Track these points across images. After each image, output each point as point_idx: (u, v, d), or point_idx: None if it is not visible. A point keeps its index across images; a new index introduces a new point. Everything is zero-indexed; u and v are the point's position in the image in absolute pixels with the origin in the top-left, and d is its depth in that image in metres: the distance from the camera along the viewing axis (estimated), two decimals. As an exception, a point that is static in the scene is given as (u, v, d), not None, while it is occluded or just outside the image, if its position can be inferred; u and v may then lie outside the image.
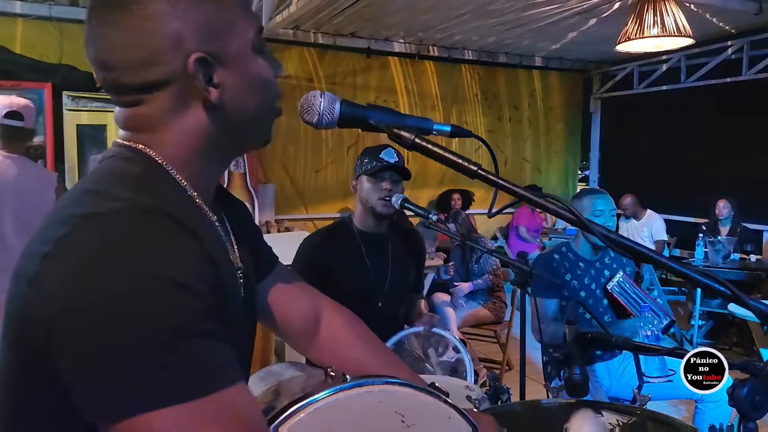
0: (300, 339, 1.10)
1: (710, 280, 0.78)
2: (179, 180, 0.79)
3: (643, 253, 0.81)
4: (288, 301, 1.07)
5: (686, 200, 6.89)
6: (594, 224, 0.82)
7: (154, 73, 0.75)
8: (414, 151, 0.89)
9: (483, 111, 7.76)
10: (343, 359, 1.09)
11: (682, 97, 7.07)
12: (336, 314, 1.12)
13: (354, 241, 2.28)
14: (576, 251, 2.71)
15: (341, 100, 0.90)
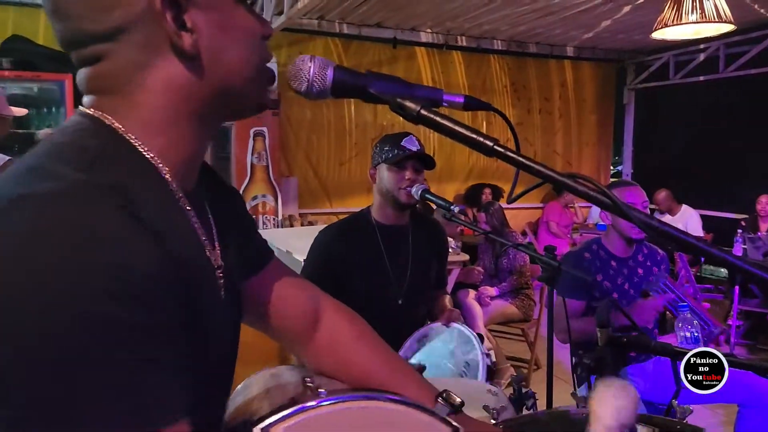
0: (296, 341, 0.98)
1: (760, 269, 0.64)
2: (148, 156, 0.66)
3: (688, 242, 0.67)
4: (283, 299, 0.96)
5: (724, 195, 6.62)
6: (632, 210, 0.69)
7: (114, 17, 0.64)
8: (420, 124, 0.77)
9: (512, 102, 7.57)
10: (344, 363, 0.97)
11: (721, 87, 6.79)
12: (337, 314, 1.01)
13: (372, 234, 2.16)
14: (608, 249, 2.55)
15: (335, 66, 0.78)
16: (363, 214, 2.24)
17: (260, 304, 0.94)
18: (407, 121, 0.78)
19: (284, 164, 6.28)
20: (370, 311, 2.12)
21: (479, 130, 0.78)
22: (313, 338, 0.98)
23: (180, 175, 0.69)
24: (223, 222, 0.80)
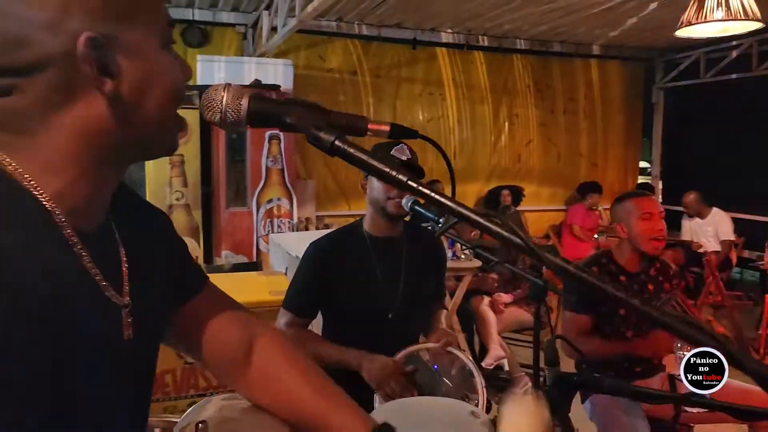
0: (228, 371, 0.95)
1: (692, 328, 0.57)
2: (42, 198, 0.64)
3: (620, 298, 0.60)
4: (215, 327, 0.93)
5: (757, 197, 6.38)
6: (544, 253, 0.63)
7: (25, 53, 0.61)
8: (334, 155, 0.71)
9: (535, 103, 7.42)
10: (276, 393, 0.93)
11: (754, 85, 6.55)
12: (271, 343, 0.96)
13: (363, 246, 2.10)
14: (618, 262, 2.43)
15: (251, 95, 0.73)
16: (354, 226, 2.18)
17: (191, 332, 0.92)
18: (323, 152, 0.73)
19: (302, 167, 6.27)
20: (360, 325, 2.09)
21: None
22: (245, 368, 0.95)
23: (78, 215, 0.67)
24: (143, 254, 0.78)
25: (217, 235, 5.30)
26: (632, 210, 2.35)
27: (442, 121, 7.03)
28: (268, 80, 5.39)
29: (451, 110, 7.05)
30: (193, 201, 5.10)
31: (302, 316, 2.13)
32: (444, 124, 7.04)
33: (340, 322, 2.13)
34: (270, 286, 3.13)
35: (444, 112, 7.04)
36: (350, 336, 2.06)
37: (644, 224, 2.31)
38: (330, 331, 2.17)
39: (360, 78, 6.57)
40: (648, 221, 2.31)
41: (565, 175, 7.63)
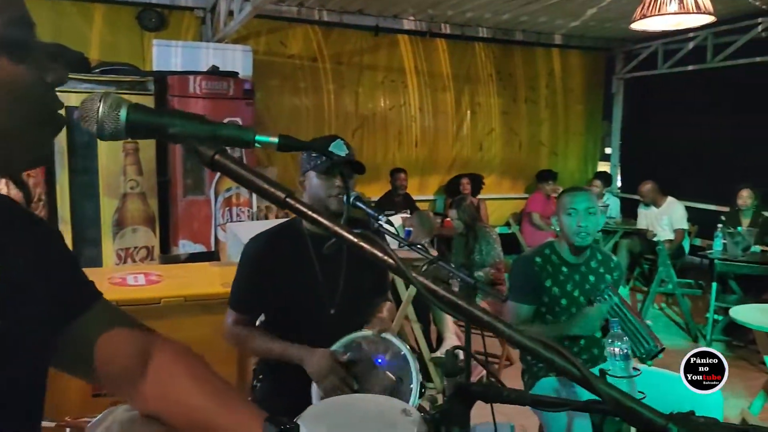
0: (123, 385, 0.94)
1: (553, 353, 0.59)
2: None
3: (474, 315, 0.62)
4: (109, 341, 0.91)
5: (709, 187, 6.54)
6: (414, 276, 0.63)
7: None
8: (215, 170, 0.70)
9: (497, 92, 7.46)
10: (171, 403, 0.93)
11: (709, 77, 6.68)
12: (166, 354, 0.96)
13: (302, 243, 2.09)
14: (560, 253, 2.50)
15: (129, 105, 0.71)
16: (294, 222, 2.17)
17: (81, 348, 0.89)
18: (203, 165, 0.72)
19: (263, 154, 6.21)
20: (301, 321, 2.09)
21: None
22: (140, 381, 0.94)
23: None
24: (22, 272, 0.76)
25: (174, 224, 5.23)
26: (562, 205, 2.44)
27: (404, 109, 7.03)
28: (226, 66, 5.31)
29: (413, 98, 7.05)
30: (148, 189, 5.01)
31: (246, 313, 2.13)
32: (406, 112, 7.04)
33: (282, 318, 2.13)
34: (223, 278, 3.11)
35: (406, 100, 7.03)
36: (292, 332, 2.06)
37: (569, 219, 2.39)
38: (271, 327, 2.17)
39: (321, 65, 6.52)
40: (572, 217, 2.38)
41: (526, 164, 7.71)
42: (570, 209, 2.41)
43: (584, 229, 2.38)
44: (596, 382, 0.59)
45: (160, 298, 2.94)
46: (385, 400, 1.72)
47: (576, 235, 2.39)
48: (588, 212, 2.39)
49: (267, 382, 2.18)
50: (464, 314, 0.63)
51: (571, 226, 2.40)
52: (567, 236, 2.43)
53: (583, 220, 2.38)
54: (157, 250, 5.05)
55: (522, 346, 0.62)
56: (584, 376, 0.59)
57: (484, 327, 0.63)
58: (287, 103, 6.42)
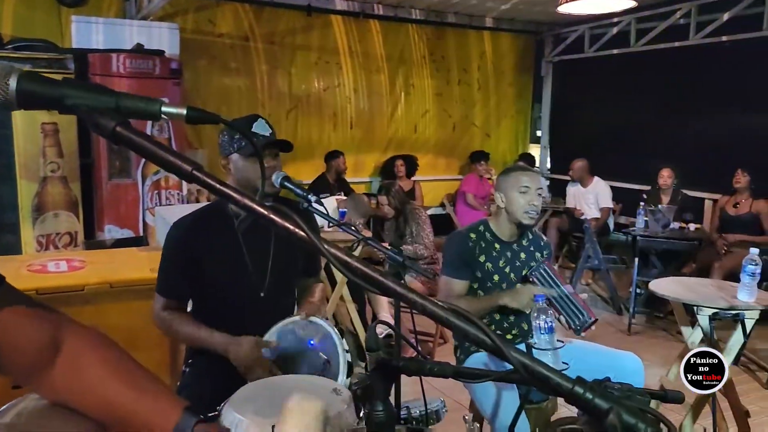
0: (30, 375, 0.90)
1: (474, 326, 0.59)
2: None
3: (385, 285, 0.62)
4: (13, 332, 0.87)
5: (633, 167, 6.81)
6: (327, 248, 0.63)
7: None
8: (116, 143, 0.67)
9: (431, 73, 7.50)
10: (83, 391, 0.90)
11: (631, 61, 6.93)
12: (78, 341, 0.92)
13: (228, 225, 2.05)
14: (494, 231, 2.54)
15: (21, 73, 0.67)
16: (220, 204, 2.12)
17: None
18: (104, 138, 0.69)
19: (193, 136, 6.03)
20: (231, 304, 2.05)
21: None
22: (50, 370, 0.90)
23: None
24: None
25: (99, 208, 5.02)
26: (515, 182, 2.45)
27: (338, 90, 6.97)
28: (152, 45, 5.11)
29: (347, 79, 6.99)
30: (70, 172, 4.78)
31: (173, 298, 2.08)
32: (341, 93, 6.99)
33: (211, 303, 2.09)
34: (151, 263, 3.02)
35: (341, 81, 6.97)
36: (222, 316, 2.03)
37: (521, 197, 2.42)
38: (201, 312, 2.12)
39: (252, 44, 6.37)
40: (525, 195, 2.42)
41: (460, 145, 7.80)
42: (524, 187, 2.43)
43: (534, 208, 2.43)
44: (506, 350, 0.60)
45: (83, 285, 2.83)
46: (317, 380, 1.71)
47: (526, 213, 2.43)
48: (538, 193, 2.45)
49: (197, 366, 2.14)
50: (375, 285, 0.63)
51: (522, 205, 2.43)
52: (514, 213, 2.45)
53: (535, 199, 2.43)
54: (82, 236, 4.85)
55: (435, 316, 0.62)
56: (495, 343, 0.60)
57: (397, 297, 0.63)
58: (218, 84, 6.25)
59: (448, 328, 0.62)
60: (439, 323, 0.62)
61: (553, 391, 0.60)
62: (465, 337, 0.61)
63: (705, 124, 6.27)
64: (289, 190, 1.96)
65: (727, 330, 2.87)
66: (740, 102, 5.97)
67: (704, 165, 6.06)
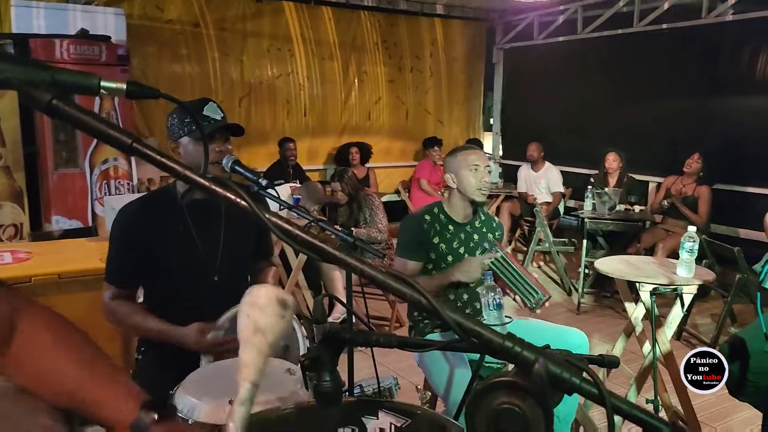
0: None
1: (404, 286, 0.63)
2: None
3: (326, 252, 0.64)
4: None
5: (581, 151, 6.99)
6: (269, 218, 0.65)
7: None
8: (53, 117, 0.67)
9: (384, 60, 7.51)
10: (40, 373, 0.89)
11: (579, 48, 7.09)
12: (35, 322, 0.91)
13: (178, 210, 2.03)
14: (448, 213, 2.58)
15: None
16: (169, 189, 2.09)
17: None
18: (39, 111, 0.68)
19: (142, 124, 5.91)
20: (184, 290, 2.03)
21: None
22: (6, 348, 0.88)
23: None
24: None
25: (46, 199, 4.89)
26: (464, 162, 2.50)
27: (291, 77, 6.92)
28: (96, 30, 4.98)
29: (300, 66, 6.95)
30: (13, 162, 4.64)
31: (123, 286, 2.05)
32: (294, 81, 6.94)
33: (162, 289, 2.06)
34: (101, 253, 2.95)
35: (293, 68, 6.92)
36: (174, 302, 2.01)
37: (472, 175, 2.47)
38: (153, 299, 2.10)
39: (203, 31, 6.26)
40: (475, 173, 2.47)
41: (413, 132, 7.85)
42: (473, 165, 2.48)
43: (486, 185, 2.49)
44: (440, 309, 0.63)
45: (30, 276, 2.77)
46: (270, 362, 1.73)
47: (479, 191, 2.48)
48: (488, 170, 2.50)
49: (150, 354, 2.13)
50: (318, 253, 0.65)
51: (473, 183, 2.48)
52: (467, 192, 2.50)
53: (485, 176, 2.48)
54: (28, 228, 4.71)
55: (374, 279, 0.65)
56: (429, 302, 0.63)
57: (337, 262, 0.65)
58: (167, 71, 6.13)
59: (386, 290, 0.65)
60: (379, 286, 0.65)
61: (485, 347, 0.64)
62: (402, 297, 0.64)
63: (648, 109, 6.48)
64: (240, 174, 1.96)
65: (669, 307, 3.00)
66: (681, 88, 6.18)
67: (648, 149, 6.28)
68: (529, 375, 0.61)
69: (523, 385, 0.61)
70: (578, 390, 0.61)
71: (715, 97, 5.91)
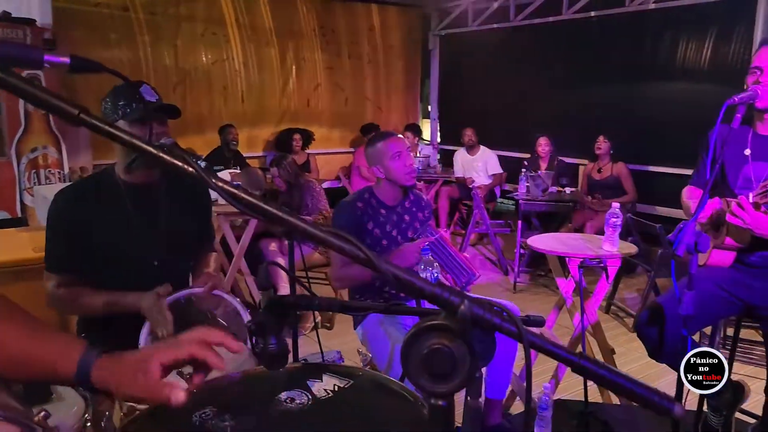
0: None
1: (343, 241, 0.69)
2: None
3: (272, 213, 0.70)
4: None
5: (515, 136, 7.21)
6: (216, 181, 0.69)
7: None
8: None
9: (321, 47, 7.50)
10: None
11: (512, 35, 7.28)
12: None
13: (116, 194, 2.01)
14: (378, 197, 2.64)
15: None
16: (106, 173, 2.07)
17: None
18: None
19: (72, 112, 5.70)
20: (124, 276, 2.02)
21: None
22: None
23: None
24: None
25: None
26: (386, 151, 2.55)
27: (227, 63, 6.82)
28: (20, 13, 4.78)
29: (236, 52, 6.86)
30: (-67, 152, 4.43)
31: (66, 273, 2.01)
32: (230, 67, 6.85)
33: (103, 274, 2.03)
34: (34, 242, 2.90)
35: (229, 54, 6.83)
36: (115, 288, 1.99)
37: (397, 163, 2.53)
38: (94, 286, 2.07)
39: (133, 15, 6.08)
40: (399, 159, 2.53)
41: (353, 118, 7.88)
42: (396, 153, 2.53)
43: (413, 168, 2.55)
44: (376, 261, 0.70)
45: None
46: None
47: (407, 176, 2.54)
48: (409, 152, 2.57)
49: (89, 339, 2.11)
50: (263, 214, 0.70)
51: (401, 169, 2.53)
52: (397, 180, 2.55)
53: (409, 159, 2.54)
54: (-50, 220, 4.52)
55: (315, 238, 0.70)
56: (367, 256, 0.69)
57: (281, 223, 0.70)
58: (97, 57, 5.71)
59: (328, 247, 0.71)
60: (321, 244, 0.70)
61: (418, 294, 0.71)
62: (341, 252, 0.70)
63: (577, 94, 6.73)
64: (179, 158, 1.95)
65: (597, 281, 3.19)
66: (607, 74, 6.46)
67: (577, 133, 6.53)
68: (455, 317, 0.68)
69: (451, 327, 0.68)
70: (499, 328, 0.69)
71: (639, 82, 6.20)
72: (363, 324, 2.59)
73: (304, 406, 1.12)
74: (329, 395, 1.15)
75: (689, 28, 5.74)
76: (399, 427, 1.05)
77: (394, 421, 1.08)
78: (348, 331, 3.01)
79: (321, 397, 1.15)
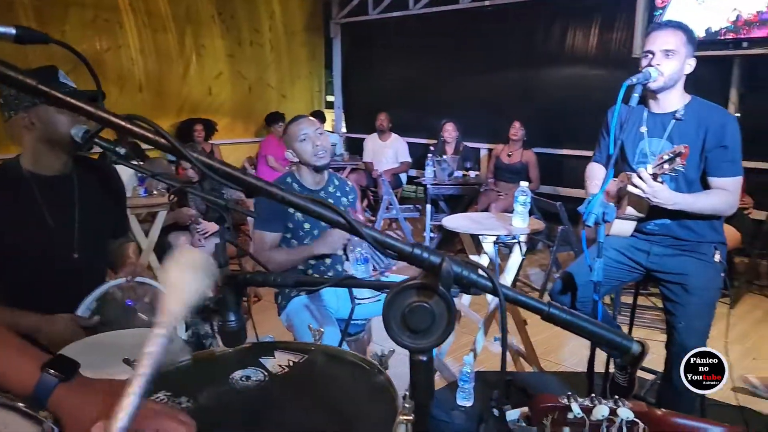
0: None
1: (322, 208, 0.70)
2: None
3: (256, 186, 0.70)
4: None
5: (420, 123, 7.37)
6: (189, 151, 0.69)
7: None
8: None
9: (221, 34, 7.30)
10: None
11: (413, 23, 7.41)
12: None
13: (24, 187, 1.89)
14: (300, 181, 2.64)
15: None
16: (11, 165, 1.93)
17: None
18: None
19: None
20: (43, 273, 1.90)
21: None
22: None
23: None
24: None
25: None
26: (293, 135, 2.58)
27: (122, 50, 6.48)
28: None
29: (131, 39, 6.53)
30: None
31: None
32: (125, 54, 6.51)
33: (17, 273, 1.90)
34: None
35: (124, 41, 6.49)
36: (33, 287, 1.88)
37: (306, 145, 2.55)
38: (9, 287, 1.92)
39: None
40: (307, 141, 2.55)
41: (256, 107, 7.74)
42: (302, 135, 2.55)
43: (321, 148, 2.56)
44: (359, 227, 0.72)
45: None
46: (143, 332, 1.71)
47: (315, 156, 2.55)
48: (318, 133, 2.58)
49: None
50: (241, 184, 0.70)
51: (308, 151, 2.55)
52: (307, 161, 2.57)
53: (317, 140, 2.56)
54: None
55: (294, 204, 0.71)
56: (348, 223, 0.71)
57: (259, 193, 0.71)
58: None
59: (308, 214, 0.72)
60: (300, 210, 0.72)
61: (398, 255, 0.74)
62: (321, 218, 0.71)
63: (478, 81, 6.98)
64: (96, 145, 1.87)
65: (506, 258, 3.34)
66: (504, 61, 6.74)
67: (479, 118, 6.78)
68: (436, 275, 0.72)
69: (430, 285, 0.72)
70: (476, 284, 0.73)
71: (533, 69, 6.52)
72: (287, 311, 2.59)
73: (262, 382, 1.13)
74: (285, 370, 1.16)
75: (576, 17, 6.10)
76: (361, 393, 1.08)
77: (356, 389, 1.11)
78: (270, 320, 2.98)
79: (277, 372, 1.15)
